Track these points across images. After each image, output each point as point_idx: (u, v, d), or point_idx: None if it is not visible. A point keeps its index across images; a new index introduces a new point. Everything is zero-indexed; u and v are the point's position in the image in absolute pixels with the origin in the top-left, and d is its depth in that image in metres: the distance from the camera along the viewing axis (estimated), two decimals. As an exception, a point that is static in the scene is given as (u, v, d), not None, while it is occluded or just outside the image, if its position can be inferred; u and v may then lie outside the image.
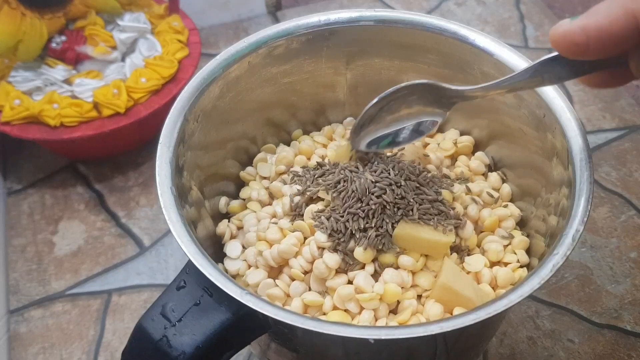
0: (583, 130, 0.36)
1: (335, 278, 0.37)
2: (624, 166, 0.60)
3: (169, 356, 0.31)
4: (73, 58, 0.57)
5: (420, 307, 0.37)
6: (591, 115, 0.65)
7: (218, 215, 0.43)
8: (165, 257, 0.55)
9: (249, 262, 0.39)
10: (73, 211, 0.59)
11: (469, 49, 0.41)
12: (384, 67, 0.45)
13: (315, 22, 0.42)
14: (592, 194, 0.33)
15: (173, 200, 0.34)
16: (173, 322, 0.32)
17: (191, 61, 0.59)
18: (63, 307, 0.53)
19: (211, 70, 0.40)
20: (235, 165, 0.45)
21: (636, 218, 0.56)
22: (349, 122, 0.48)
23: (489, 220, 0.40)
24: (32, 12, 0.54)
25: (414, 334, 0.29)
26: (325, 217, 0.38)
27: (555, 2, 0.84)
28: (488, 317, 0.29)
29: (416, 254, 0.37)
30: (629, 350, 0.48)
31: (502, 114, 0.42)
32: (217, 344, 0.32)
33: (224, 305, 0.32)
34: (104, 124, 0.55)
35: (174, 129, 0.37)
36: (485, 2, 0.78)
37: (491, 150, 0.45)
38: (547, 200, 0.38)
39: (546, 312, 0.51)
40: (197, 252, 0.32)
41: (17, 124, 0.55)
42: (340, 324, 0.30)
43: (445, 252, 0.38)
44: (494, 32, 0.74)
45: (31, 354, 0.50)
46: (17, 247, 0.56)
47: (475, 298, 0.35)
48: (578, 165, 0.35)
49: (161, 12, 0.61)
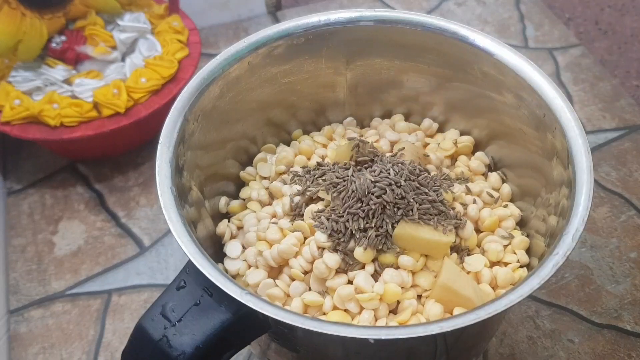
0: (583, 130, 0.36)
1: (335, 278, 0.37)
2: (624, 166, 0.60)
3: (169, 356, 0.31)
4: (73, 58, 0.57)
5: (420, 307, 0.37)
6: (591, 115, 0.65)
7: (218, 215, 0.43)
8: (165, 257, 0.55)
9: (249, 262, 0.39)
10: (73, 211, 0.59)
11: (469, 49, 0.41)
12: (384, 67, 0.45)
13: (315, 22, 0.42)
14: (592, 194, 0.33)
15: (173, 200, 0.34)
16: (173, 322, 0.32)
17: (191, 61, 0.59)
18: (63, 307, 0.53)
19: (211, 70, 0.40)
20: (236, 165, 0.45)
21: (636, 218, 0.56)
22: (349, 122, 0.48)
23: (489, 221, 0.40)
24: (32, 12, 0.54)
25: (413, 334, 0.29)
26: (325, 217, 0.38)
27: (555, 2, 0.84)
28: (488, 317, 0.29)
29: (416, 254, 0.37)
30: (629, 350, 0.48)
31: (502, 114, 0.42)
32: (217, 344, 0.32)
33: (224, 305, 0.32)
34: (104, 124, 0.55)
35: (174, 128, 0.37)
36: (485, 2, 0.78)
37: (491, 150, 0.45)
38: (547, 200, 0.38)
39: (546, 312, 0.51)
40: (197, 252, 0.32)
41: (17, 124, 0.55)
42: (340, 324, 0.30)
43: (446, 252, 0.38)
44: (494, 32, 0.74)
45: (31, 354, 0.50)
46: (17, 247, 0.56)
47: (475, 298, 0.35)
48: (578, 165, 0.35)
49: (161, 12, 0.61)
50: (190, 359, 0.31)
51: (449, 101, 0.45)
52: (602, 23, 0.85)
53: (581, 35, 0.83)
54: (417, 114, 0.47)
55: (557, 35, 0.73)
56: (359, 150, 0.41)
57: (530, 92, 0.38)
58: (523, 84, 0.39)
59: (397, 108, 0.48)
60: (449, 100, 0.45)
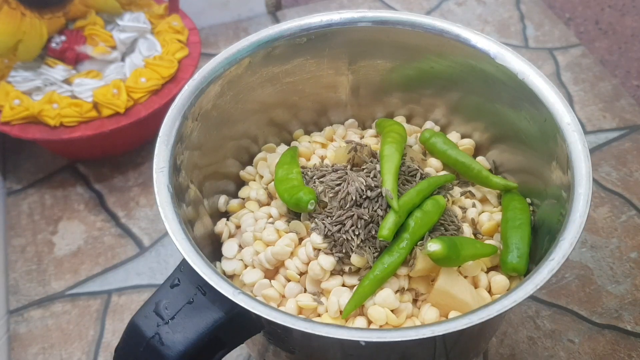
0: (583, 135, 0.36)
1: (330, 280, 0.37)
2: (624, 166, 0.60)
3: (161, 353, 0.31)
4: (73, 58, 0.57)
5: (415, 311, 0.37)
6: (591, 115, 0.65)
7: (217, 214, 0.43)
8: (165, 257, 0.55)
9: (246, 262, 0.39)
10: (73, 211, 0.59)
11: (471, 51, 0.41)
12: (387, 69, 0.45)
13: (317, 22, 0.42)
14: (590, 202, 0.33)
15: (170, 199, 0.34)
16: (166, 319, 0.32)
17: (191, 61, 0.59)
18: (63, 308, 0.52)
19: (212, 70, 0.40)
20: (236, 164, 0.45)
21: (636, 218, 0.56)
22: (351, 123, 0.48)
23: (488, 225, 0.40)
24: (32, 12, 0.54)
25: (405, 337, 0.29)
26: (321, 219, 0.38)
27: (555, 2, 0.84)
28: (480, 321, 0.29)
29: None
30: (629, 351, 0.48)
31: (503, 118, 0.42)
32: (210, 342, 0.32)
33: (217, 304, 0.32)
34: (104, 124, 0.55)
35: (172, 127, 0.37)
36: (486, 2, 0.78)
37: (492, 154, 0.45)
38: (546, 205, 0.38)
39: (546, 312, 0.51)
40: (192, 251, 0.32)
41: (17, 124, 0.55)
42: (331, 326, 0.30)
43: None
44: (494, 32, 0.74)
45: (31, 354, 0.50)
46: (17, 247, 0.56)
47: (473, 302, 0.35)
48: (577, 170, 0.34)
49: (161, 12, 0.61)
50: (183, 356, 0.31)
51: (451, 104, 0.45)
52: (603, 23, 0.85)
53: (581, 35, 0.83)
54: (419, 116, 0.47)
55: (557, 35, 0.73)
56: (356, 153, 0.41)
57: (531, 96, 0.38)
58: (524, 87, 0.39)
59: (399, 110, 0.47)
60: (451, 103, 0.45)
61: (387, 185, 0.37)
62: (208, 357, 0.33)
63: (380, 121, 0.45)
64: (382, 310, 0.35)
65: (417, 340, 0.29)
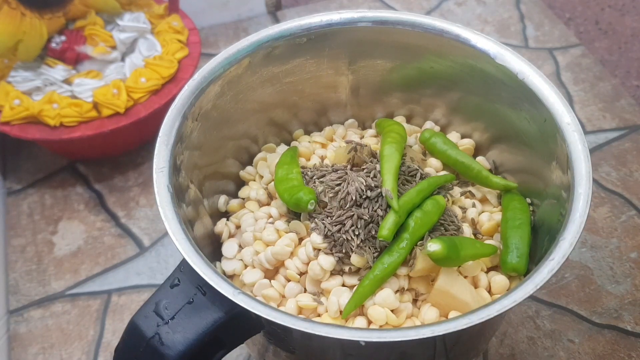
0: (583, 136, 0.36)
1: (330, 280, 0.37)
2: (624, 166, 0.60)
3: (161, 353, 0.31)
4: (73, 58, 0.57)
5: (415, 311, 0.37)
6: (591, 115, 0.65)
7: (217, 214, 0.43)
8: (165, 257, 0.55)
9: (246, 262, 0.39)
10: (73, 211, 0.59)
11: (471, 51, 0.41)
12: (387, 69, 0.45)
13: (317, 22, 0.42)
14: (589, 202, 0.33)
15: (169, 198, 0.34)
16: (166, 319, 0.32)
17: (191, 61, 0.59)
18: (63, 307, 0.52)
19: (212, 70, 0.40)
20: (236, 164, 0.45)
21: (636, 218, 0.56)
22: (351, 123, 0.48)
23: (488, 225, 0.40)
24: (32, 12, 0.54)
25: (405, 337, 0.29)
26: (321, 219, 0.38)
27: (555, 2, 0.84)
28: (480, 321, 0.29)
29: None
30: (629, 351, 0.48)
31: (503, 118, 0.42)
32: (210, 342, 0.32)
33: (217, 304, 0.32)
34: (104, 124, 0.55)
35: (172, 127, 0.37)
36: (485, 2, 0.78)
37: (492, 154, 0.45)
38: (546, 205, 0.38)
39: (546, 312, 0.51)
40: (192, 251, 0.32)
41: (17, 124, 0.55)
42: (331, 326, 0.30)
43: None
44: (494, 32, 0.74)
45: (31, 354, 0.50)
46: (16, 247, 0.56)
47: (473, 302, 0.35)
48: (577, 170, 0.34)
49: (161, 12, 0.61)
50: (183, 356, 0.31)
51: (451, 104, 0.45)
52: (603, 23, 0.85)
53: (581, 35, 0.83)
54: (419, 116, 0.47)
55: (557, 35, 0.73)
56: (356, 153, 0.41)
57: (531, 96, 0.38)
58: (524, 87, 0.39)
59: (399, 110, 0.47)
60: (450, 103, 0.45)
61: (387, 185, 0.37)
62: (208, 357, 0.33)
63: (380, 121, 0.45)
64: (382, 310, 0.35)
65: (417, 340, 0.29)
